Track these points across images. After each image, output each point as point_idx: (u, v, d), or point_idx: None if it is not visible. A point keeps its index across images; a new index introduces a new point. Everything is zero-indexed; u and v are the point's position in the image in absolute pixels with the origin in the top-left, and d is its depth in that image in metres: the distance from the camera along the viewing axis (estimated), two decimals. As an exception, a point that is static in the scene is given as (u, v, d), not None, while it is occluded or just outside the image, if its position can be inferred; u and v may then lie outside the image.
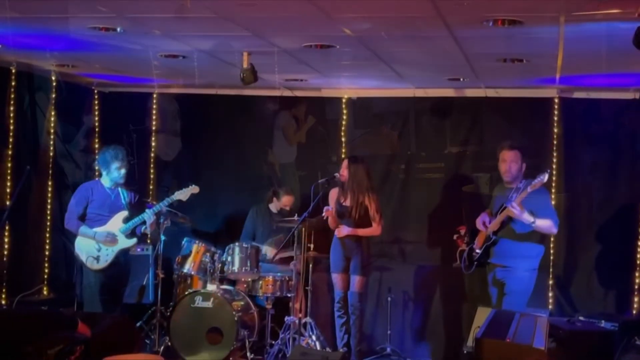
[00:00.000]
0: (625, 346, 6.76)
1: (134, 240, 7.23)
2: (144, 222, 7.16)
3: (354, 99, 8.83)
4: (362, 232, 7.32)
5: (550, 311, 7.83)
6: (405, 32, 5.72)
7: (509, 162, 6.83)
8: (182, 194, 7.38)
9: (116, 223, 7.12)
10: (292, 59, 6.86)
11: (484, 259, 6.93)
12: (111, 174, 7.15)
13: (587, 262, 8.08)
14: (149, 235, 7.89)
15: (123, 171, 7.17)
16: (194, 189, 7.42)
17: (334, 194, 7.50)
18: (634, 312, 7.85)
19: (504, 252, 6.80)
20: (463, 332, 7.95)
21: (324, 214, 7.32)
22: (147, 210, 7.22)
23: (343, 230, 7.27)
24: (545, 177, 6.37)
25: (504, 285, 6.80)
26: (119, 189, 7.20)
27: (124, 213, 7.14)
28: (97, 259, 7.04)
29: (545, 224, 6.63)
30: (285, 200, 8.30)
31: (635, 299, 7.87)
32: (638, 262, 7.90)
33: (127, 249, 7.24)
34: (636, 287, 7.88)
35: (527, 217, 6.50)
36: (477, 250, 6.93)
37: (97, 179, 7.43)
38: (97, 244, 7.04)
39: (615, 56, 6.12)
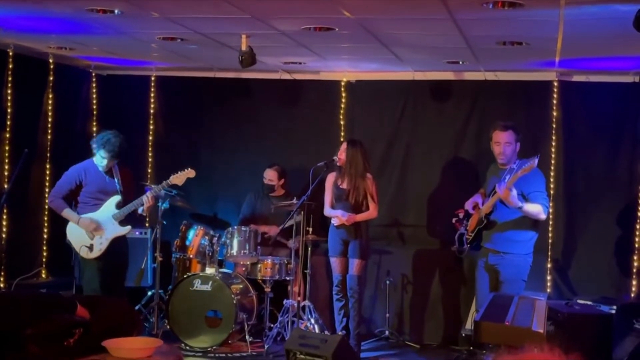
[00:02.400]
0: (624, 329, 6.78)
1: (128, 227, 7.11)
2: (141, 205, 7.10)
3: (353, 82, 8.82)
4: (359, 217, 7.31)
5: (548, 294, 7.84)
6: (405, 14, 5.69)
7: (503, 144, 6.64)
8: (178, 178, 7.25)
9: (109, 209, 7.05)
10: (291, 42, 6.84)
11: (476, 242, 6.85)
12: (97, 158, 7.02)
13: (586, 245, 8.08)
14: (147, 219, 7.86)
15: (105, 162, 6.98)
16: (189, 172, 7.29)
17: (331, 178, 7.49)
18: (633, 295, 7.87)
19: (496, 236, 6.66)
20: (462, 315, 7.97)
21: (335, 222, 7.33)
22: (142, 196, 7.16)
23: (342, 219, 7.26)
24: (536, 161, 6.11)
25: (499, 274, 6.67)
26: (112, 171, 7.14)
27: (117, 197, 7.08)
28: (91, 247, 6.95)
29: (534, 209, 6.44)
30: (268, 175, 8.30)
31: (634, 282, 7.89)
32: (637, 245, 7.91)
33: (122, 236, 7.20)
34: (635, 270, 7.89)
35: (515, 202, 6.31)
36: (470, 233, 6.86)
37: (90, 159, 7.21)
38: (89, 232, 6.97)
39: (615, 39, 6.11)
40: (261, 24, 6.06)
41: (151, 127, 9.27)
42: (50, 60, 8.35)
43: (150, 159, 9.26)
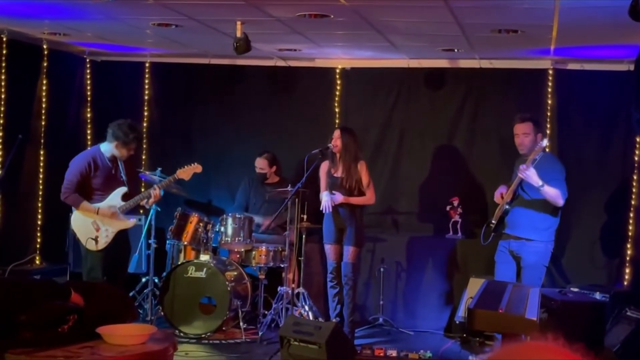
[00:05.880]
0: (616, 317, 6.82)
1: (134, 220, 7.12)
2: (147, 197, 7.04)
3: (348, 69, 8.81)
4: (355, 200, 7.29)
5: (542, 282, 7.86)
6: (400, 1, 5.68)
7: (521, 135, 6.79)
8: (185, 173, 7.17)
9: (115, 200, 6.96)
10: (286, 29, 6.82)
11: (499, 230, 6.93)
12: (120, 150, 6.90)
13: (579, 233, 8.10)
14: (147, 207, 7.84)
15: (132, 153, 7.04)
16: (196, 167, 7.21)
17: (324, 167, 7.48)
18: (625, 283, 7.90)
19: (517, 222, 6.79)
20: (455, 302, 8.00)
21: (325, 209, 7.26)
22: (150, 190, 7.11)
23: (337, 198, 7.23)
24: (545, 141, 6.40)
25: (520, 259, 6.81)
26: (119, 161, 7.08)
27: (123, 189, 7.00)
28: (96, 240, 6.84)
29: (553, 192, 6.56)
30: (259, 163, 8.31)
31: (627, 270, 7.92)
32: (630, 233, 7.93)
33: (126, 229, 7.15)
34: (628, 258, 7.92)
35: (536, 179, 6.43)
36: (493, 221, 6.95)
37: (96, 145, 7.16)
38: (95, 223, 6.85)
39: (610, 27, 6.10)
40: (256, 10, 6.04)
41: (145, 113, 9.25)
42: (44, 46, 8.32)
43: (144, 146, 9.24)
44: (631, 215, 7.94)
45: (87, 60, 9.14)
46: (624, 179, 8.04)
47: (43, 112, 8.43)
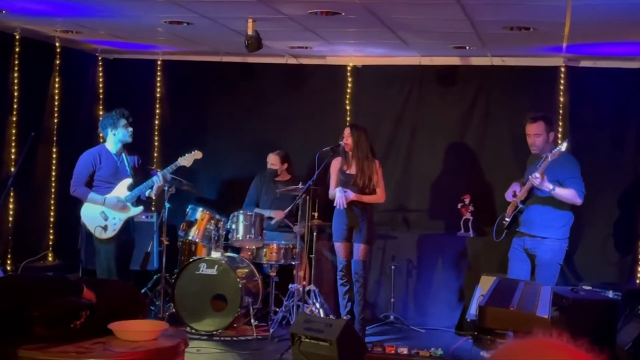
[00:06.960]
0: (629, 315, 6.79)
1: (141, 208, 7.17)
2: (150, 187, 7.12)
3: (359, 67, 8.80)
4: (367, 198, 7.29)
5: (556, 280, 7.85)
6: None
7: (533, 135, 6.79)
8: (186, 160, 7.30)
9: (121, 191, 7.07)
10: (297, 26, 6.82)
11: (513, 227, 6.95)
12: (119, 133, 7.03)
13: (592, 231, 8.07)
14: (153, 201, 7.87)
15: (131, 129, 7.09)
16: (197, 154, 7.35)
17: (336, 163, 7.47)
18: (638, 281, 7.87)
19: (532, 220, 6.81)
20: (467, 300, 7.99)
21: (339, 205, 7.26)
22: (153, 177, 7.19)
23: (349, 195, 7.22)
24: (564, 146, 6.35)
25: (535, 257, 6.84)
26: (123, 154, 7.15)
27: (129, 180, 7.10)
28: (105, 228, 6.96)
29: (566, 193, 6.59)
30: (270, 159, 8.33)
31: (639, 269, 7.88)
32: (642, 231, 7.91)
33: (132, 217, 7.21)
34: (640, 256, 7.90)
35: (546, 185, 6.47)
36: (507, 219, 6.96)
37: (101, 144, 7.30)
38: (104, 213, 6.96)
39: (623, 24, 6.08)
40: (267, 8, 6.05)
41: (157, 111, 9.28)
42: (57, 44, 8.35)
43: (156, 143, 9.27)
44: (644, 213, 7.92)
45: (100, 58, 9.17)
46: (636, 176, 8.02)
47: (55, 109, 8.47)
